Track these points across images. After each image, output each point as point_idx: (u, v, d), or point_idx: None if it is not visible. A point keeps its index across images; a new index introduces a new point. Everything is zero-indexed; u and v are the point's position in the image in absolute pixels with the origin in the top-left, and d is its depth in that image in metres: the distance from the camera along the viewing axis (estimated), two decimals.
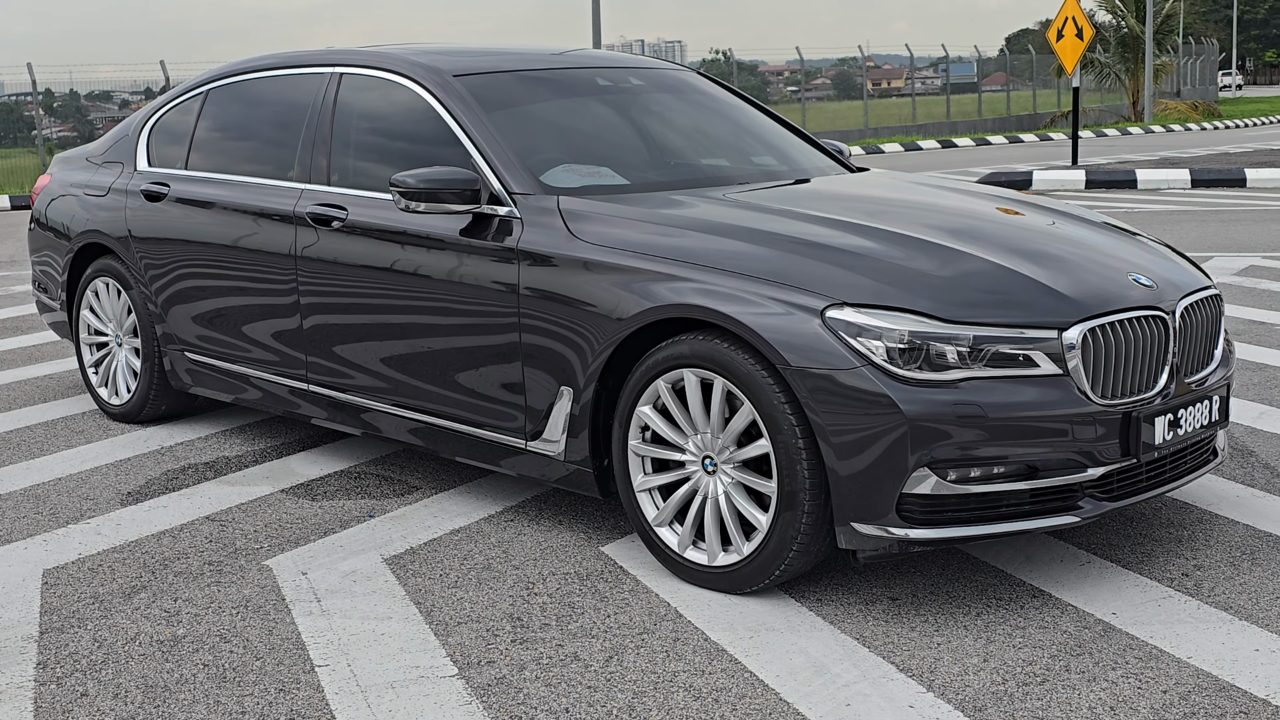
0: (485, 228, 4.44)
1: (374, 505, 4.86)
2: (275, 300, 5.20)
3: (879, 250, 3.86)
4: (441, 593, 4.00)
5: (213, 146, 5.71)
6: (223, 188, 5.49)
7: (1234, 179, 18.25)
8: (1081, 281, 3.87)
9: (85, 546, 4.50)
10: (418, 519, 4.69)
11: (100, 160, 6.30)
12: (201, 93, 5.88)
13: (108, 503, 4.99)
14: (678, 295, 3.87)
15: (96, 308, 6.20)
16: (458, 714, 3.21)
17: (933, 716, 3.14)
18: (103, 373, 6.22)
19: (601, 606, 3.85)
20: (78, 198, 6.27)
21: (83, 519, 4.80)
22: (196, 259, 5.55)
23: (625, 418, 4.06)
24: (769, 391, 3.67)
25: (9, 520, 4.81)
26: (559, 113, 5.05)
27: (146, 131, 6.09)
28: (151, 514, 4.84)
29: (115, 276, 6.02)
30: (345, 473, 5.29)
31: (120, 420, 6.15)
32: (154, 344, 5.87)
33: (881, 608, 3.79)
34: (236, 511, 4.84)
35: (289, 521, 4.71)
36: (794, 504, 3.68)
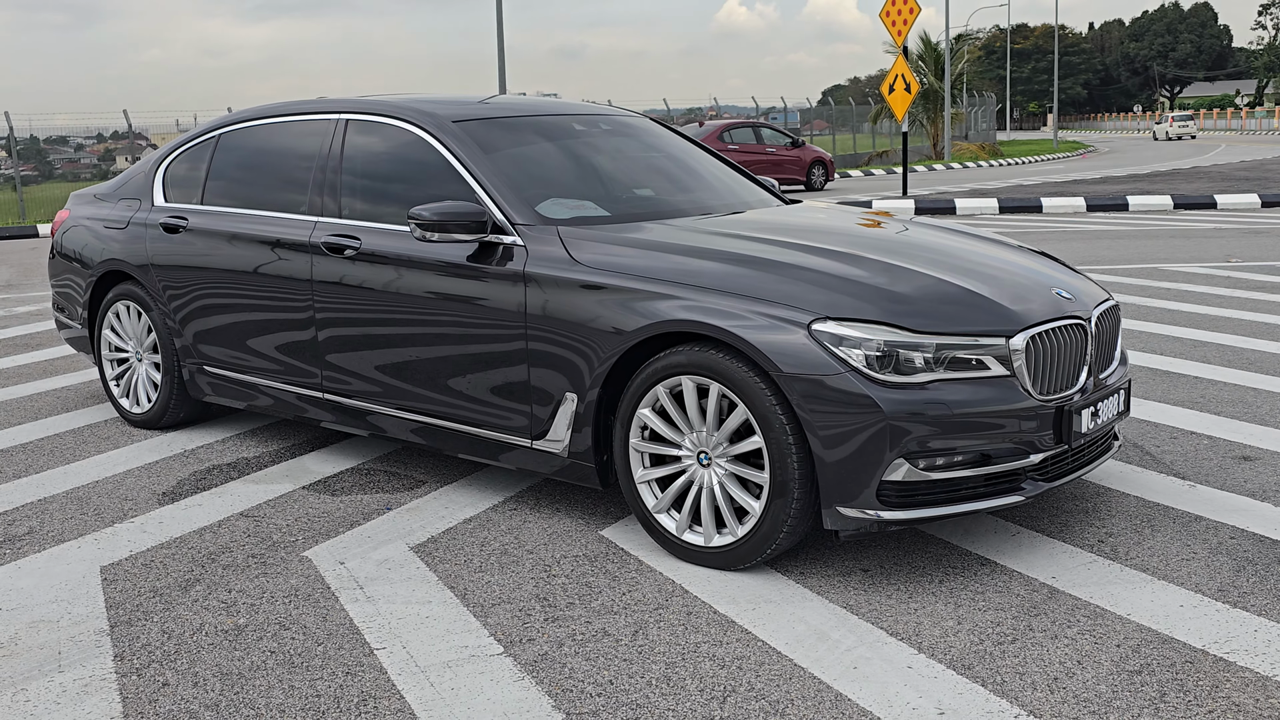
0: (491, 254, 4.25)
1: (389, 499, 4.63)
2: (291, 318, 4.93)
3: (846, 270, 3.77)
4: (470, 577, 3.80)
5: (227, 184, 5.40)
6: (239, 221, 5.20)
7: (1033, 206, 18.66)
8: (1018, 296, 3.83)
9: (135, 544, 4.20)
10: (431, 510, 4.47)
11: (116, 197, 5.94)
12: (213, 137, 5.56)
13: (146, 502, 4.68)
14: (677, 312, 3.73)
15: (117, 327, 5.84)
16: (513, 690, 3.03)
17: (930, 674, 3.05)
18: (124, 385, 5.86)
19: (615, 585, 3.69)
20: (97, 230, 5.90)
21: (127, 518, 4.49)
22: (215, 283, 5.25)
23: (626, 419, 3.91)
24: (762, 395, 3.55)
25: (59, 521, 4.48)
26: (543, 153, 4.87)
27: (161, 172, 5.75)
28: (189, 512, 4.54)
29: (136, 300, 5.67)
30: (356, 470, 5.04)
31: (141, 426, 5.80)
32: (174, 359, 5.54)
33: (857, 579, 3.70)
34: (266, 507, 4.57)
35: (316, 515, 4.46)
36: (785, 492, 3.56)
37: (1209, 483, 4.52)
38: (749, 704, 2.93)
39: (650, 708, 2.92)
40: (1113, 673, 3.03)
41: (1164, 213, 17.48)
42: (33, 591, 3.78)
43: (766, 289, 3.68)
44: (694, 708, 2.92)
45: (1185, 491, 4.44)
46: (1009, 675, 3.03)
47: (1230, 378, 6.27)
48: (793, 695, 2.96)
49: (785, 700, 2.94)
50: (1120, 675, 3.02)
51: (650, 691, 3.00)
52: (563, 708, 2.93)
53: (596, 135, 5.17)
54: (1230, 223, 15.36)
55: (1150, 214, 17.36)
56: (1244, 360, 6.68)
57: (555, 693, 3.01)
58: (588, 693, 3.00)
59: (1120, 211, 17.85)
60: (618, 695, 2.99)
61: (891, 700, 2.92)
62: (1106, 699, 2.90)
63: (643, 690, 3.01)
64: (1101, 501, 4.35)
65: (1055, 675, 3.02)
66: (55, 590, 3.79)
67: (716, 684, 3.03)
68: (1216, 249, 12.36)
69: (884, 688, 2.99)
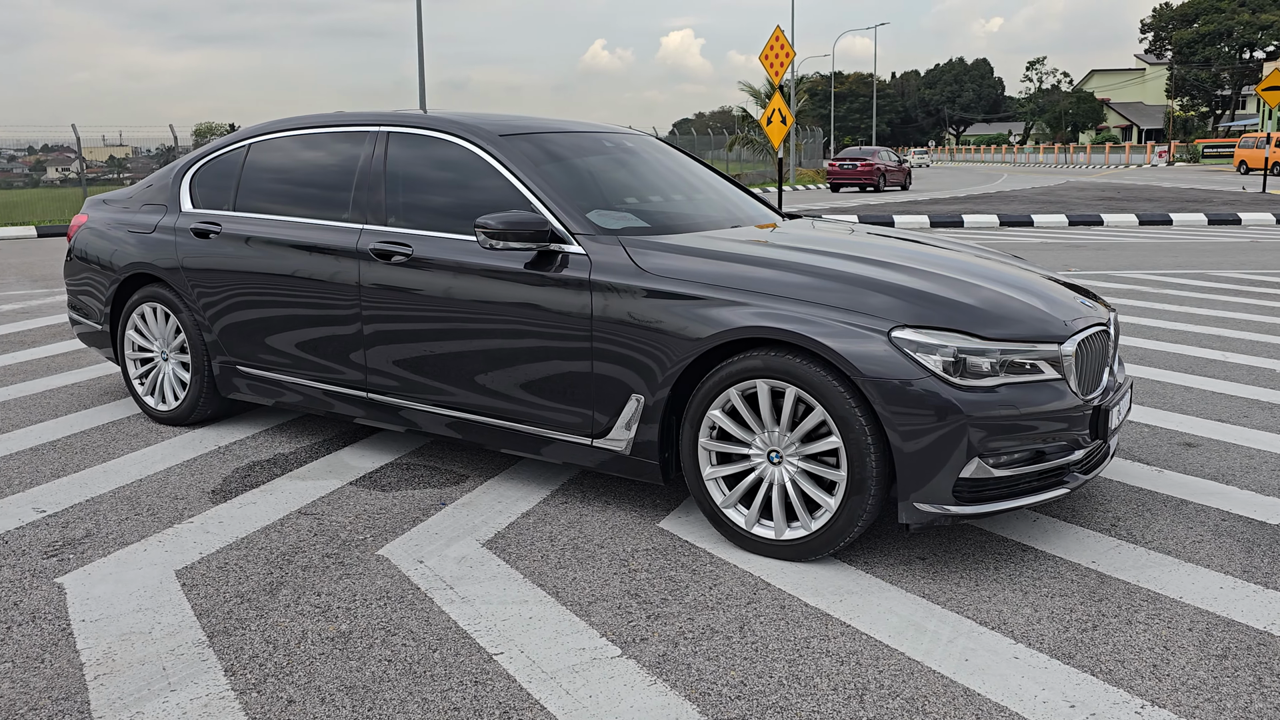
0: (549, 262, 3.77)
1: (440, 494, 4.10)
2: (334, 320, 4.33)
3: (912, 281, 3.41)
4: (553, 574, 3.33)
5: (260, 192, 4.74)
6: (276, 227, 4.56)
7: (886, 221, 18.72)
8: (1057, 305, 3.54)
9: (202, 545, 3.59)
10: (486, 505, 3.96)
11: (139, 203, 5.20)
12: (242, 147, 4.89)
13: (198, 501, 4.04)
14: (755, 319, 3.32)
15: (142, 328, 5.11)
16: (650, 695, 2.59)
17: (1038, 664, 2.72)
18: (149, 383, 5.14)
19: (699, 580, 3.27)
20: (121, 235, 5.15)
21: (184, 518, 3.86)
22: (250, 286, 4.60)
23: (696, 419, 3.48)
24: (841, 398, 3.18)
25: (114, 522, 3.81)
26: (583, 168, 4.38)
27: (188, 180, 5.04)
28: (246, 510, 3.93)
29: (163, 302, 4.97)
30: (397, 465, 4.48)
31: (167, 423, 5.10)
32: (203, 358, 4.87)
33: (921, 568, 3.36)
34: (322, 505, 3.99)
35: (374, 512, 3.90)
36: (862, 489, 3.20)
37: (1170, 467, 4.34)
38: (887, 702, 2.55)
39: (794, 710, 2.52)
40: (1202, 658, 2.76)
41: (993, 229, 17.75)
42: (112, 600, 3.15)
43: (841, 298, 3.30)
44: (835, 708, 2.53)
45: (1155, 476, 4.24)
46: (1111, 664, 2.73)
47: (1134, 373, 6.17)
48: (924, 691, 2.60)
49: (919, 697, 2.57)
50: (1209, 660, 2.75)
51: (786, 692, 2.60)
52: (709, 713, 2.51)
53: (621, 151, 4.71)
54: (1051, 239, 15.66)
55: (982, 230, 17.60)
56: (1134, 357, 6.61)
57: (693, 696, 2.58)
58: (725, 695, 2.58)
59: (957, 228, 18.08)
60: (756, 698, 2.58)
61: (1019, 694, 2.58)
62: (1212, 686, 2.62)
63: (778, 691, 2.61)
64: (1094, 487, 4.12)
65: (1153, 663, 2.74)
66: (136, 598, 3.17)
67: (844, 681, 2.65)
68: (1053, 260, 12.52)
69: (1004, 680, 2.65)
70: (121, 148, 57.31)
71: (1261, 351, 6.68)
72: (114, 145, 59.15)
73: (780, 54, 17.30)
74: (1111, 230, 17.05)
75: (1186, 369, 6.20)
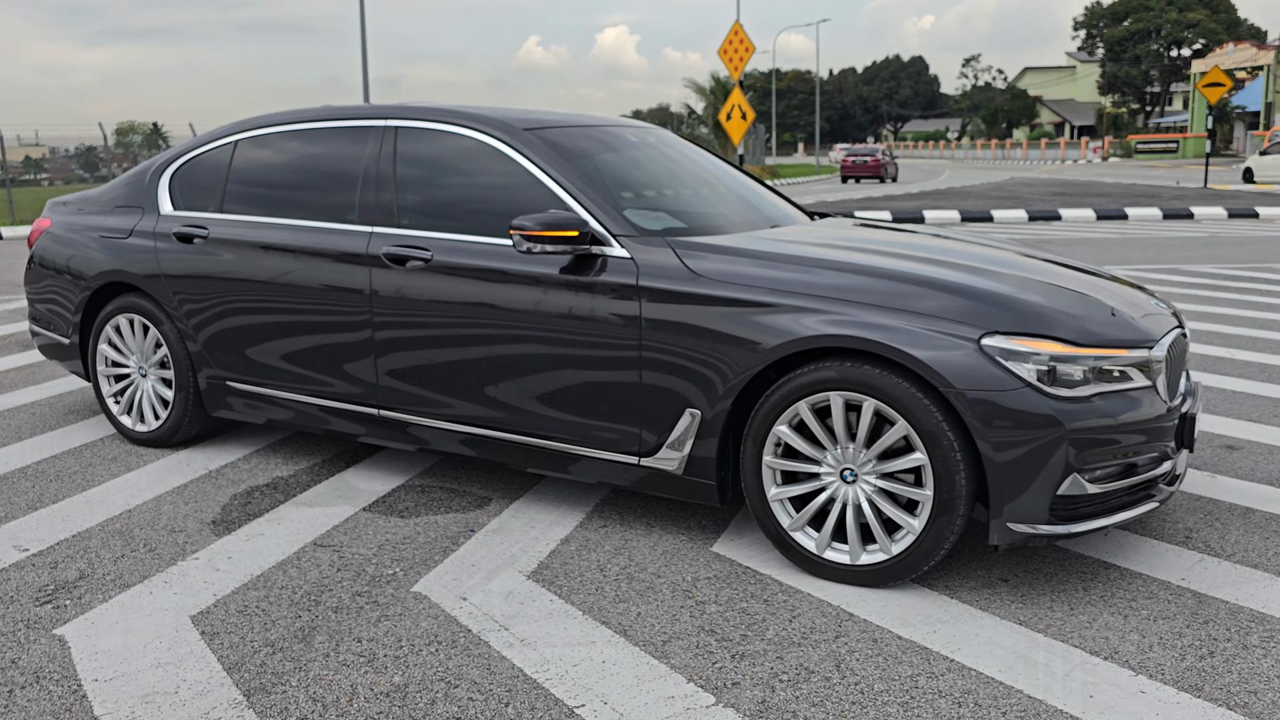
0: (588, 266, 3.50)
1: (464, 519, 3.80)
2: (342, 332, 4.01)
3: (991, 285, 3.19)
4: (614, 609, 3.06)
5: (250, 192, 4.38)
6: (271, 230, 4.21)
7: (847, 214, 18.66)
8: (1137, 307, 3.37)
9: (214, 586, 3.25)
10: (518, 531, 3.68)
11: (111, 206, 4.80)
12: (228, 144, 4.53)
13: (198, 534, 3.69)
14: (830, 327, 3.08)
15: (117, 342, 4.72)
16: None
17: (1169, 699, 2.53)
18: (125, 401, 4.75)
19: (775, 612, 3.03)
20: (91, 240, 4.75)
21: (187, 554, 3.51)
22: (242, 295, 4.25)
23: (759, 435, 3.24)
24: (927, 411, 2.96)
25: (109, 561, 3.45)
26: (612, 164, 4.10)
27: (166, 180, 4.66)
28: (254, 544, 3.59)
29: (141, 313, 4.59)
30: (408, 487, 4.17)
31: (146, 445, 4.71)
32: (188, 374, 4.50)
33: (1005, 591, 3.16)
34: (338, 535, 3.67)
35: (397, 542, 3.59)
36: (950, 510, 2.99)
37: (1220, 472, 4.21)
38: None
39: None
40: None
41: (956, 225, 17.80)
42: (124, 654, 2.81)
43: (921, 303, 3.08)
44: None
45: (1210, 482, 4.10)
46: (1243, 695, 2.55)
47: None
48: None
49: None
50: None
51: None
52: None
53: (645, 147, 4.44)
54: (1014, 234, 15.72)
55: (945, 226, 17.62)
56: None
57: None
58: None
59: (919, 223, 18.10)
60: None
61: None
62: None
63: None
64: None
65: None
66: (151, 650, 2.83)
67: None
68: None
69: (1138, 719, 2.45)
70: (38, 147, 55.18)
71: (1264, 348, 6.64)
72: (30, 145, 56.68)
73: (740, 49, 17.16)
74: (1071, 225, 17.19)
75: (1199, 367, 6.12)
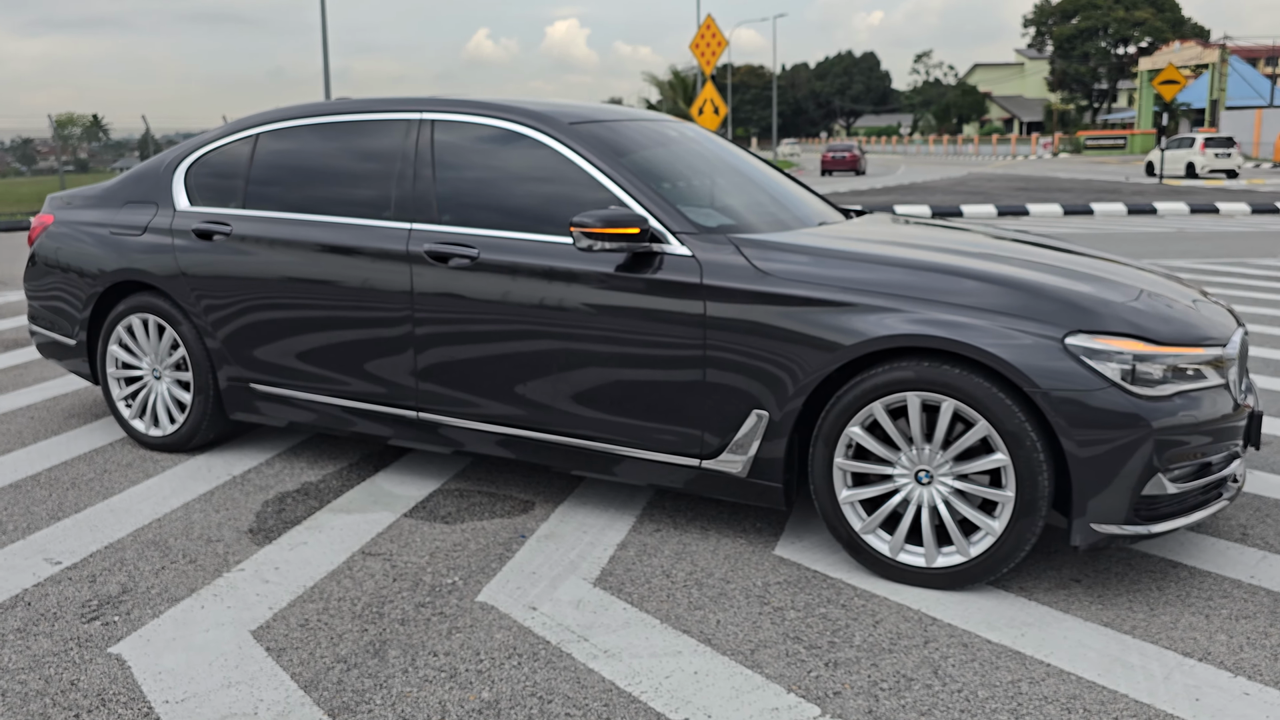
0: (646, 264, 3.41)
1: (513, 524, 3.70)
2: (380, 333, 3.88)
3: (1068, 284, 3.15)
4: (691, 616, 2.98)
5: (274, 188, 4.23)
6: (302, 227, 4.06)
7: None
8: (1203, 304, 3.36)
9: (268, 599, 3.12)
10: (571, 536, 3.59)
11: (120, 201, 4.61)
12: (249, 136, 4.36)
13: (238, 543, 3.55)
14: (909, 326, 3.03)
15: (129, 343, 4.53)
16: None
17: (1274, 701, 2.52)
18: (138, 405, 4.57)
19: (857, 618, 2.97)
20: (101, 237, 4.56)
21: (231, 565, 3.37)
22: (268, 294, 4.10)
23: (830, 436, 3.18)
24: (1010, 412, 2.92)
25: (150, 574, 3.30)
26: (658, 159, 4.01)
27: (181, 174, 4.48)
28: (299, 553, 3.46)
29: (157, 313, 4.41)
30: (445, 491, 4.05)
31: (161, 449, 4.54)
32: (208, 376, 4.34)
33: (1080, 592, 3.13)
34: (384, 542, 3.55)
35: (448, 549, 3.49)
36: (1032, 511, 2.96)
37: (1253, 467, 4.24)
38: None
39: None
40: None
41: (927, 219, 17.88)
42: (190, 674, 2.68)
43: (1001, 301, 3.03)
44: None
45: (1249, 477, 4.13)
46: None
47: None
48: None
49: None
50: None
51: None
52: None
53: (686, 141, 4.35)
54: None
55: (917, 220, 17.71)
56: None
57: None
58: None
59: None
60: None
61: None
62: None
63: None
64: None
65: None
66: (219, 669, 2.70)
67: None
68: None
69: None
70: None
71: (1264, 343, 6.73)
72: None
73: (713, 43, 17.12)
74: (1042, 220, 17.39)
75: None
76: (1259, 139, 51.53)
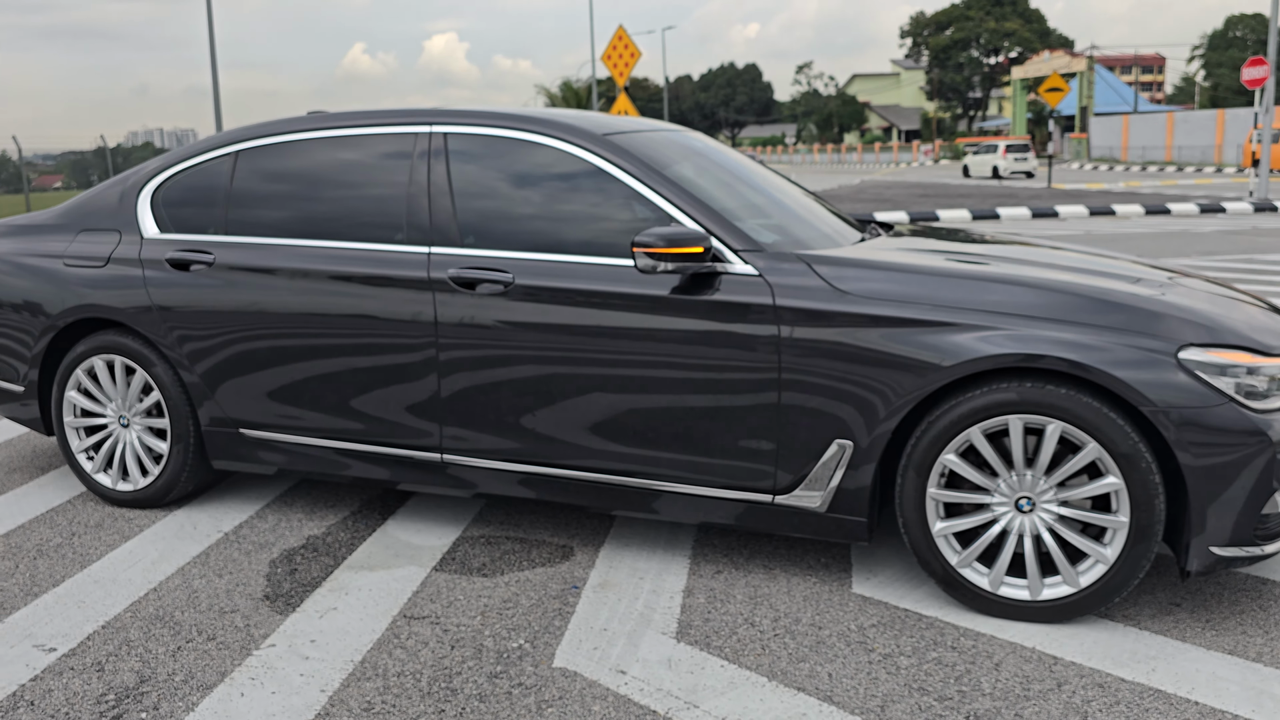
0: (706, 286, 3.15)
1: (555, 574, 3.38)
2: (397, 368, 3.52)
3: (1163, 296, 3.02)
4: (797, 670, 2.73)
5: (262, 211, 3.81)
6: (298, 254, 3.66)
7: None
8: (1272, 313, 3.27)
9: (315, 679, 2.73)
10: (628, 585, 3.28)
11: (74, 229, 4.10)
12: (226, 155, 3.92)
13: (257, 613, 3.13)
14: (1016, 345, 2.84)
15: (90, 388, 4.03)
16: None
17: None
18: (102, 456, 4.07)
19: (974, 662, 2.76)
20: (53, 269, 4.04)
21: (258, 641, 2.95)
22: (264, 330, 3.69)
23: (923, 465, 2.97)
24: (1123, 432, 2.76)
25: (168, 658, 2.86)
26: (697, 171, 3.72)
27: (146, 198, 4.02)
28: (332, 621, 3.07)
29: (124, 353, 3.93)
30: (468, 539, 3.70)
31: (132, 505, 4.05)
32: (188, 422, 3.88)
33: (1187, 617, 2.99)
34: (424, 603, 3.18)
35: (498, 607, 3.14)
36: (1148, 536, 2.80)
37: None
38: None
39: None
40: None
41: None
42: None
43: (1102, 318, 2.87)
44: None
45: None
46: None
47: None
48: None
49: None
50: None
51: None
52: None
53: (711, 152, 4.08)
54: None
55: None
56: None
57: None
58: None
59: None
60: None
61: None
62: None
63: None
64: None
65: None
66: None
67: None
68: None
69: None
70: None
71: None
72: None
73: (625, 54, 16.95)
74: (953, 225, 17.72)
75: None
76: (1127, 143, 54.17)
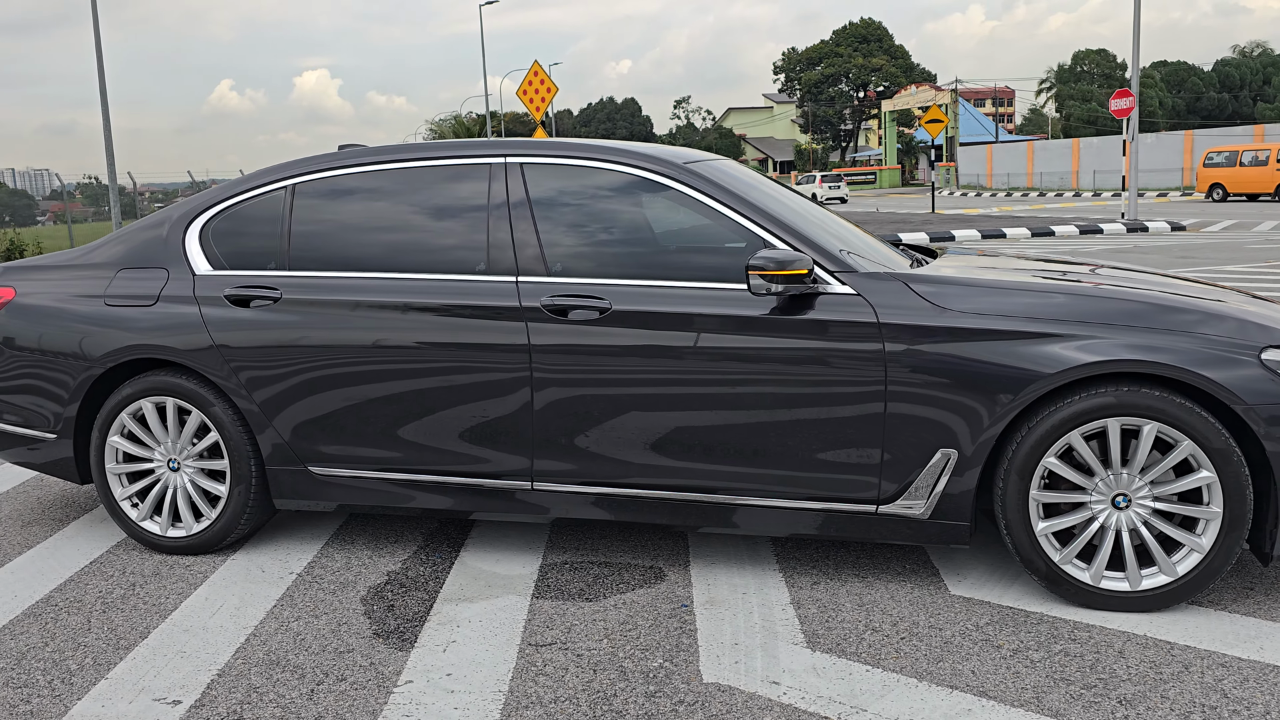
0: (803, 306, 3.26)
1: (659, 594, 3.40)
2: (485, 397, 3.50)
3: (1228, 304, 3.27)
4: (939, 670, 2.82)
5: (328, 245, 3.73)
6: (377, 287, 3.60)
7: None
8: None
9: (474, 712, 2.67)
10: (733, 600, 3.33)
11: (114, 267, 3.94)
12: (278, 189, 3.84)
13: (378, 652, 3.05)
14: (1116, 351, 3.03)
15: (137, 432, 3.87)
16: None
17: None
18: (149, 503, 3.89)
19: (1099, 652, 2.91)
20: (94, 310, 3.87)
21: (394, 679, 2.87)
22: (340, 364, 3.60)
23: (1025, 468, 3.13)
24: (1215, 430, 2.98)
25: (307, 701, 2.75)
26: (771, 197, 3.78)
27: (194, 234, 3.89)
28: (459, 653, 3.02)
29: (179, 394, 3.78)
30: (553, 566, 3.68)
31: (184, 552, 3.88)
32: (250, 462, 3.76)
33: (1263, 597, 3.22)
34: (542, 630, 3.16)
35: (618, 629, 3.15)
36: (1240, 525, 3.02)
37: None
38: None
39: None
40: None
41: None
42: None
43: (1189, 324, 3.09)
44: None
45: None
46: None
47: None
48: None
49: None
50: None
51: None
52: None
53: (763, 182, 4.14)
54: None
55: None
56: None
57: None
58: None
59: None
60: None
61: None
62: None
63: None
64: None
65: None
66: None
67: None
68: None
69: None
70: None
71: None
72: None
73: (541, 90, 17.04)
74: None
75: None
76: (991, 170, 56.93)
